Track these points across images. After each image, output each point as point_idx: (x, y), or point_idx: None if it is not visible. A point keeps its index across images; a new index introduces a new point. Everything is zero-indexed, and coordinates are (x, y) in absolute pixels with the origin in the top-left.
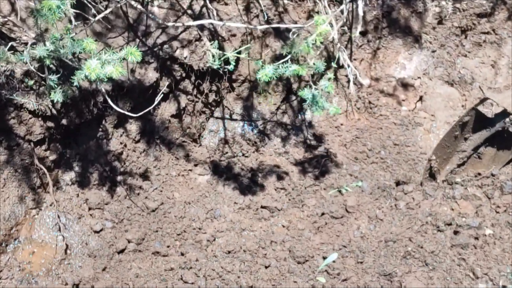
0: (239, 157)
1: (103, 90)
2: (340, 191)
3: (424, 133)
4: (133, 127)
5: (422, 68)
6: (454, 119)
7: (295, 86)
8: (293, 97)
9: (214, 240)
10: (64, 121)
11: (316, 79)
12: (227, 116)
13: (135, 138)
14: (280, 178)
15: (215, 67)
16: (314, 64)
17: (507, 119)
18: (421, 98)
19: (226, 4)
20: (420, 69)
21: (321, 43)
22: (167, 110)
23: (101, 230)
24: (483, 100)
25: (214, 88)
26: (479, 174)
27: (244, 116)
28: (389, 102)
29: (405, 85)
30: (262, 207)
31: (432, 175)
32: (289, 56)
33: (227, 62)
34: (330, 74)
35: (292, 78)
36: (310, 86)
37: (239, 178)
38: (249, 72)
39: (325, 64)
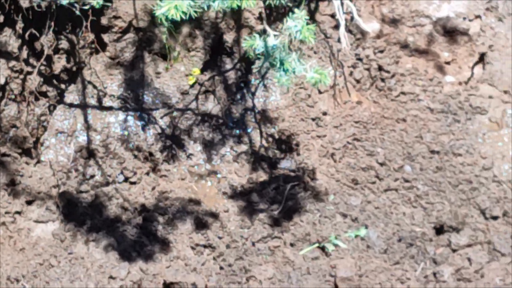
0: (118, 184)
1: None
2: (323, 249)
3: (489, 128)
4: None
5: None
6: None
7: (229, 37)
8: (226, 60)
9: None
10: None
11: (273, 21)
12: (92, 101)
13: None
14: (202, 224)
15: (64, 2)
16: None
17: None
18: (482, 59)
19: None
20: (479, 0)
21: None
22: None
23: None
24: None
25: (64, 45)
26: None
27: (127, 101)
28: (420, 67)
29: (450, 33)
30: (166, 284)
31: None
32: None
33: None
34: (300, 12)
35: (223, 20)
36: (264, 31)
37: (119, 228)
38: (135, 11)
39: None
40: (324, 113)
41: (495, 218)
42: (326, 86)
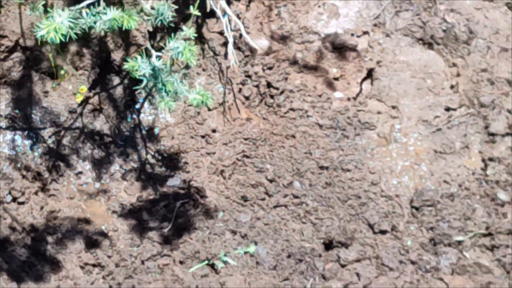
0: (6, 204)
1: None
2: (212, 266)
3: (378, 144)
4: None
5: (372, 14)
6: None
7: (117, 55)
8: (115, 78)
9: None
10: None
11: (160, 40)
12: None
13: None
14: (91, 244)
15: None
16: (153, 8)
17: None
18: (370, 74)
19: None
20: (367, 16)
21: None
22: None
23: None
24: None
25: None
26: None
27: (14, 120)
28: (308, 83)
29: (339, 49)
30: None
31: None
32: None
33: None
34: (187, 30)
35: (111, 39)
36: (147, 52)
37: (8, 248)
38: (21, 30)
39: (175, 9)
40: (214, 130)
41: (383, 232)
42: (209, 106)
